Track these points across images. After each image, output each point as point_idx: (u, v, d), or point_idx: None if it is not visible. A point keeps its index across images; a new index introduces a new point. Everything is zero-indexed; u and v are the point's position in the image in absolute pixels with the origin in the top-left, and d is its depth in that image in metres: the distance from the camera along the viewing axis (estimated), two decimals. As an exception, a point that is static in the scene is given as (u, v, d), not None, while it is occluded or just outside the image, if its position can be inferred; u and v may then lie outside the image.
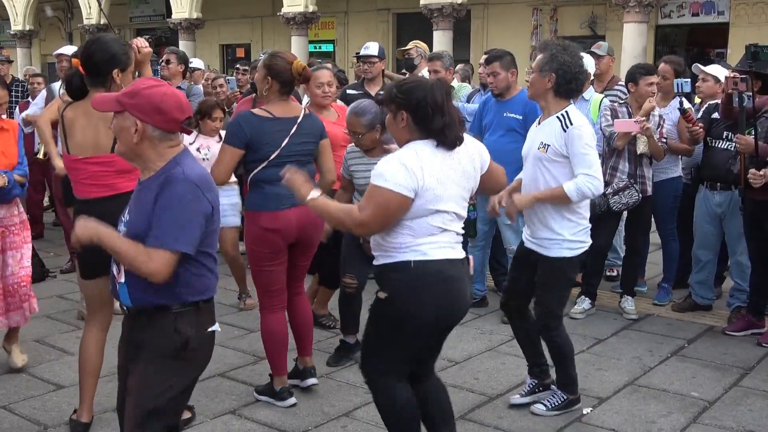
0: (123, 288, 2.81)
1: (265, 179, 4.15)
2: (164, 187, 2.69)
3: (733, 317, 5.82)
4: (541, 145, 4.11)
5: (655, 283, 6.67)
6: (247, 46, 24.38)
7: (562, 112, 4.08)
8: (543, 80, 4.06)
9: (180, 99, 2.82)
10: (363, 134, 4.63)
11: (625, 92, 6.40)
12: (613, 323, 5.88)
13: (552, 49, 4.06)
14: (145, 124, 2.72)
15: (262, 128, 4.14)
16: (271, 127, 4.15)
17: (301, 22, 20.20)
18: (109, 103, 2.78)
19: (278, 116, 4.19)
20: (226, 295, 6.51)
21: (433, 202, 3.16)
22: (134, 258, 2.66)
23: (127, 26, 26.98)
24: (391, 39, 20.91)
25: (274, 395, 4.39)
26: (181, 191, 2.67)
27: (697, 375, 4.91)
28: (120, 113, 2.75)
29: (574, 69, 4.01)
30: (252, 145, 4.12)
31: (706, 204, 5.86)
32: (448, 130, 3.17)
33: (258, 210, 4.21)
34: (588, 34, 17.90)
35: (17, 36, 26.70)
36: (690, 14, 17.24)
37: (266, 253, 4.25)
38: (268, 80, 4.19)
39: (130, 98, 2.74)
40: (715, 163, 5.75)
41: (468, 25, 19.72)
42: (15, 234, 4.80)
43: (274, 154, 4.13)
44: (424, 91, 3.18)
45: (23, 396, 4.47)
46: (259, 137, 4.12)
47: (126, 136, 2.75)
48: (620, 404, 4.47)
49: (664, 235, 6.42)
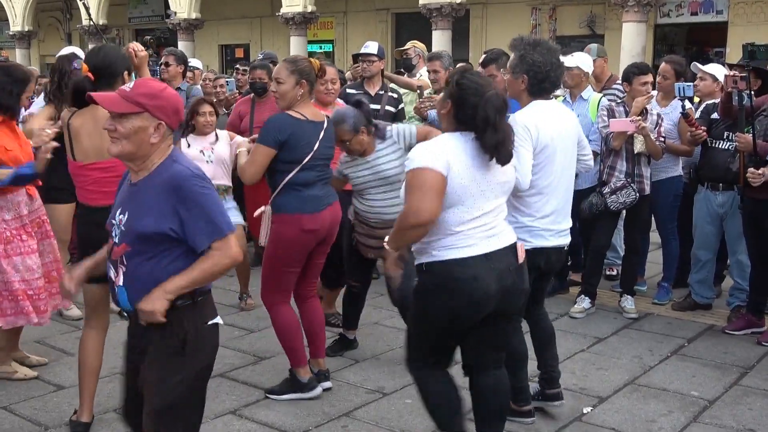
0: (122, 292, 2.81)
1: (301, 182, 4.24)
2: (178, 187, 2.71)
3: (732, 316, 5.83)
4: None
5: (654, 282, 6.67)
6: (246, 46, 24.40)
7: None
8: (516, 82, 4.00)
9: (180, 98, 2.89)
10: (350, 140, 4.63)
11: (623, 91, 6.40)
12: (613, 322, 5.88)
13: (521, 49, 3.94)
14: (165, 124, 2.77)
15: (297, 129, 4.21)
16: (306, 130, 4.25)
17: (300, 23, 20.23)
18: (127, 104, 2.76)
19: (310, 119, 4.28)
20: (226, 296, 6.51)
21: (463, 199, 3.20)
22: (210, 270, 2.72)
23: (126, 27, 27.01)
24: (389, 39, 20.93)
25: (302, 387, 4.40)
26: (204, 185, 2.75)
27: (697, 374, 4.91)
28: (138, 114, 2.75)
29: (545, 67, 3.89)
30: (287, 146, 4.18)
31: (707, 204, 5.85)
32: (502, 146, 3.19)
33: (298, 213, 4.26)
34: (587, 33, 17.94)
35: (16, 37, 26.72)
36: (689, 13, 17.27)
37: (296, 256, 4.34)
38: (302, 84, 4.25)
39: (151, 99, 2.75)
40: (715, 164, 5.74)
41: (467, 25, 19.75)
42: (47, 223, 4.80)
43: (308, 156, 4.22)
44: (477, 98, 3.18)
45: (24, 397, 4.47)
46: (296, 138, 4.20)
47: (142, 136, 2.75)
48: (620, 403, 4.47)
49: (664, 234, 6.43)
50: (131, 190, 2.83)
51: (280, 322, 4.41)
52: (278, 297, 4.40)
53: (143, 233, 2.72)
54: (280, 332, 4.44)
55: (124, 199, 2.84)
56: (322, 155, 4.30)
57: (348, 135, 4.60)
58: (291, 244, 4.29)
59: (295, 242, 4.30)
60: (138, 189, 2.80)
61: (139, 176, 2.81)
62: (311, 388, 4.41)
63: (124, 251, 2.77)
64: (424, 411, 3.63)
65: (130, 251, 2.75)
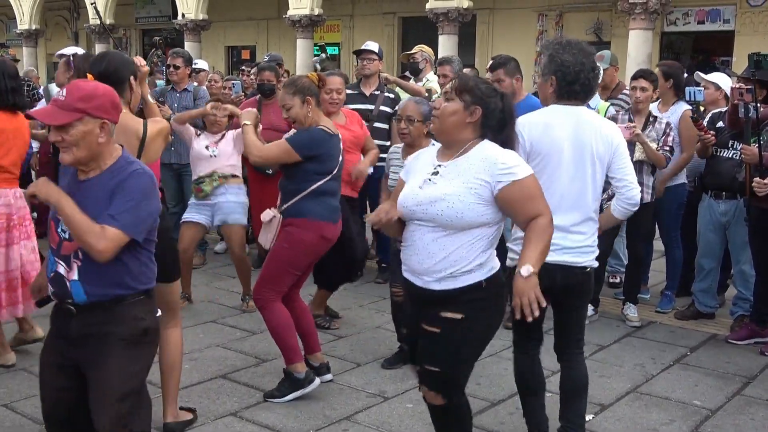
0: (76, 285, 2.85)
1: (329, 191, 4.44)
2: (128, 178, 2.81)
3: (736, 326, 5.81)
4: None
5: (658, 291, 6.66)
6: (253, 48, 24.41)
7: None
8: (545, 84, 3.72)
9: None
10: (416, 121, 4.73)
11: (628, 101, 6.41)
12: (616, 330, 5.87)
13: (550, 49, 3.69)
14: (108, 122, 2.83)
15: (329, 143, 4.42)
16: (335, 142, 4.47)
17: (307, 25, 20.22)
18: (66, 113, 2.77)
19: (333, 132, 4.47)
20: (228, 297, 6.53)
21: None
22: (88, 231, 2.72)
23: (132, 27, 27.05)
24: (396, 43, 20.93)
25: (302, 384, 4.41)
26: (146, 184, 2.85)
27: (700, 383, 4.90)
28: (80, 119, 2.78)
29: (575, 68, 3.60)
30: (319, 158, 4.36)
31: (711, 213, 5.85)
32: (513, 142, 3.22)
33: (323, 220, 4.43)
34: (593, 40, 17.90)
35: (23, 35, 26.77)
36: (696, 22, 17.25)
37: (307, 260, 4.51)
38: (307, 100, 4.36)
39: (89, 102, 2.79)
40: (719, 172, 5.74)
41: (473, 30, 19.73)
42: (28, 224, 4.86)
43: (337, 168, 4.47)
44: (503, 99, 3.18)
45: (25, 395, 4.47)
46: (327, 151, 4.41)
47: (91, 139, 2.80)
48: (622, 411, 4.46)
49: (667, 242, 6.42)
50: (81, 186, 2.87)
51: (275, 320, 4.42)
52: (272, 295, 4.43)
53: None
54: (274, 330, 4.45)
55: (72, 195, 2.83)
56: (341, 166, 4.54)
57: (418, 116, 4.73)
58: (308, 250, 4.44)
59: (312, 248, 4.46)
60: (90, 185, 2.86)
61: (89, 174, 2.88)
62: (310, 381, 4.42)
63: (79, 246, 2.81)
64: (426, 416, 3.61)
65: None
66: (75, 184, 2.90)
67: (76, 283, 2.85)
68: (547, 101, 3.79)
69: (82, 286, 2.84)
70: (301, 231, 4.38)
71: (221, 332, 5.67)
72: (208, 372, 4.87)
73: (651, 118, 5.86)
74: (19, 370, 4.83)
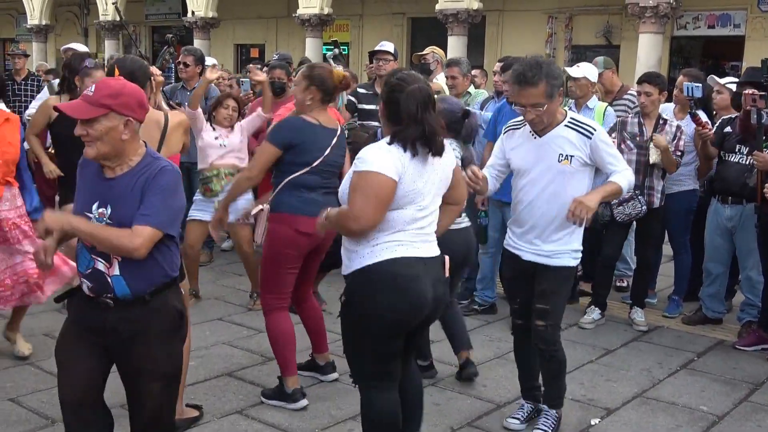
0: (118, 280, 2.90)
1: (305, 184, 4.24)
2: (157, 176, 2.87)
3: (743, 332, 5.79)
4: (562, 157, 3.89)
5: (665, 295, 6.64)
6: (262, 46, 24.43)
7: (570, 119, 3.95)
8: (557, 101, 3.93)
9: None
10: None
11: (634, 101, 6.39)
12: (623, 334, 5.85)
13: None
14: (132, 120, 2.87)
15: (310, 133, 4.23)
16: (319, 134, 4.26)
17: (316, 24, 20.23)
18: (92, 108, 2.84)
19: (324, 125, 4.29)
20: (236, 295, 6.53)
21: (404, 197, 3.18)
22: (117, 236, 2.81)
23: (142, 23, 27.09)
24: (405, 43, 20.90)
25: (286, 398, 4.37)
26: (173, 181, 2.92)
27: (707, 389, 4.88)
28: (105, 115, 2.84)
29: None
30: (295, 148, 4.19)
31: (717, 217, 5.83)
32: (428, 139, 3.18)
33: (296, 213, 4.23)
34: (603, 43, 17.89)
35: (33, 30, 26.84)
36: (706, 26, 17.20)
37: (293, 256, 4.31)
38: (310, 90, 4.26)
39: (115, 98, 2.86)
40: (726, 177, 5.72)
41: (483, 32, 19.70)
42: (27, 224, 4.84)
43: (318, 160, 4.23)
44: (399, 94, 3.20)
45: (31, 389, 4.48)
46: (306, 142, 4.21)
47: (114, 135, 2.85)
48: (629, 416, 4.44)
49: (676, 247, 6.40)
50: (108, 183, 2.92)
51: (274, 330, 4.39)
52: (277, 301, 4.37)
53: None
54: (272, 340, 4.42)
55: (101, 193, 2.91)
56: (331, 162, 4.32)
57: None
58: (286, 244, 4.28)
59: (290, 242, 4.28)
60: (118, 183, 2.90)
61: (116, 172, 2.92)
62: (294, 400, 4.37)
63: None
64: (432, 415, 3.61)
65: None
66: (101, 181, 2.93)
67: (118, 278, 2.89)
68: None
69: (125, 280, 2.89)
70: (276, 225, 4.29)
71: (228, 330, 5.67)
72: (214, 369, 4.87)
73: (661, 121, 5.84)
74: (26, 364, 4.85)
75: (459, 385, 4.77)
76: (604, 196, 3.97)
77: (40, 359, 4.91)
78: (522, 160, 4.03)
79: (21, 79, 9.54)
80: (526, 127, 4.02)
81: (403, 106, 3.17)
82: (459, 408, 4.47)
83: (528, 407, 4.32)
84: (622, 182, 3.93)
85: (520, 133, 4.07)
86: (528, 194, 3.99)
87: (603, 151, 3.92)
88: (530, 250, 4.04)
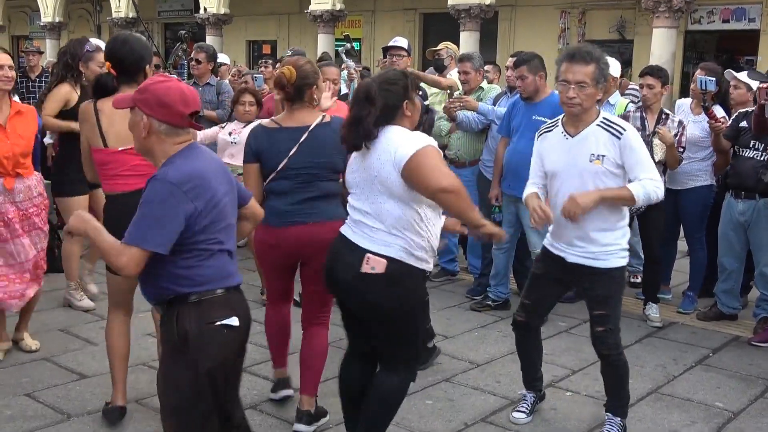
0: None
1: (274, 191, 3.99)
2: (146, 188, 2.75)
3: (759, 328, 5.75)
4: (593, 157, 3.80)
5: (680, 291, 6.61)
6: (274, 42, 24.46)
7: (602, 119, 3.86)
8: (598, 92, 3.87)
9: (185, 93, 2.83)
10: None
11: (638, 95, 6.35)
12: (637, 330, 5.83)
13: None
14: (150, 118, 2.81)
15: (266, 139, 3.97)
16: (278, 138, 3.96)
17: (328, 20, 20.24)
18: (126, 100, 2.89)
19: (286, 126, 3.99)
20: (248, 291, 6.44)
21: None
22: (107, 252, 2.73)
23: (155, 20, 27.17)
24: (417, 39, 20.88)
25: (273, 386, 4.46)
26: (157, 190, 2.71)
27: (722, 385, 4.86)
28: (132, 109, 2.86)
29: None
30: (261, 157, 3.98)
31: (730, 211, 5.80)
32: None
33: (263, 224, 3.72)
34: (616, 38, 17.80)
35: (47, 27, 26.98)
36: (720, 20, 17.09)
37: (267, 264, 4.27)
38: (277, 91, 4.15)
39: (140, 94, 2.85)
40: (741, 172, 5.68)
41: (495, 27, 19.66)
42: (35, 216, 4.86)
43: (280, 165, 3.92)
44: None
45: (47, 384, 4.50)
46: (265, 149, 3.96)
47: (137, 131, 2.85)
48: (643, 412, 4.43)
49: (691, 243, 6.36)
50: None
51: (265, 318, 4.45)
52: (270, 295, 4.43)
53: None
54: (265, 326, 4.49)
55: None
56: (302, 164, 3.93)
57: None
58: (258, 253, 4.29)
59: (259, 252, 4.23)
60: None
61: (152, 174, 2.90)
62: (274, 390, 4.45)
63: None
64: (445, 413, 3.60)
65: None
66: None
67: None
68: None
69: (141, 287, 2.91)
70: (255, 232, 4.07)
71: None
72: (228, 365, 4.87)
73: (663, 115, 5.79)
74: (41, 360, 4.87)
75: (472, 380, 4.77)
76: (607, 197, 3.77)
77: (55, 354, 4.94)
78: (555, 162, 3.95)
79: (35, 76, 9.59)
80: (558, 128, 3.97)
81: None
82: (473, 404, 4.47)
83: (530, 397, 4.36)
84: (636, 190, 3.74)
85: (552, 135, 4.01)
86: (563, 196, 3.86)
87: (629, 153, 3.77)
88: (575, 253, 3.94)
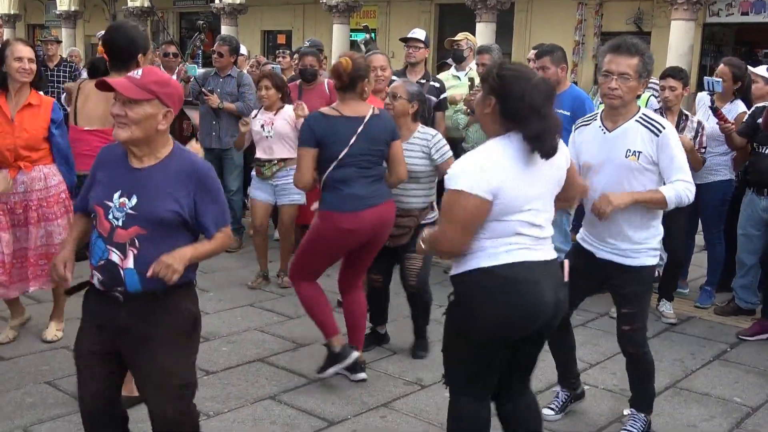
0: (130, 273, 2.83)
1: (340, 179, 4.19)
2: (202, 177, 2.91)
3: (758, 323, 5.73)
4: (630, 153, 3.74)
5: (697, 285, 6.59)
6: (289, 33, 24.48)
7: (641, 115, 3.80)
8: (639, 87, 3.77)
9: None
10: (400, 98, 4.71)
11: (658, 89, 6.30)
12: (655, 324, 5.81)
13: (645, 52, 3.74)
14: (169, 111, 2.88)
15: (329, 126, 4.18)
16: (340, 126, 4.18)
17: (344, 11, 20.24)
18: (140, 90, 2.81)
19: (346, 115, 4.22)
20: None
21: (512, 206, 2.89)
22: (215, 250, 2.98)
23: (170, 9, 27.22)
24: (432, 30, 20.81)
25: (336, 358, 4.42)
26: (215, 178, 2.99)
27: (740, 380, 4.84)
28: (149, 101, 2.82)
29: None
30: (322, 143, 4.17)
31: (752, 208, 5.76)
32: (547, 136, 2.85)
33: (334, 210, 4.21)
34: (634, 30, 17.69)
35: (62, 16, 27.09)
36: (739, 13, 16.96)
37: (331, 252, 4.37)
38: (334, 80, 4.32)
39: (162, 87, 2.85)
40: (760, 168, 5.64)
41: (511, 19, 19.59)
42: (50, 206, 4.76)
43: (342, 152, 4.15)
44: (522, 85, 2.86)
45: (67, 372, 4.52)
46: (328, 136, 4.16)
47: (151, 123, 2.83)
48: (661, 407, 4.41)
49: (709, 237, 6.32)
50: (136, 174, 2.87)
51: (303, 294, 4.46)
52: (299, 275, 4.47)
53: (165, 218, 2.83)
54: (304, 303, 4.49)
55: (125, 182, 2.86)
56: (361, 152, 4.20)
57: (404, 94, 4.73)
58: (323, 240, 4.29)
59: (332, 241, 4.28)
60: (147, 174, 2.87)
61: (143, 162, 2.89)
62: (344, 356, 4.41)
63: (136, 234, 2.82)
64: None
65: (145, 234, 2.82)
66: (127, 171, 2.88)
67: (131, 272, 2.82)
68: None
69: (138, 274, 2.83)
70: (318, 221, 4.29)
71: (259, 316, 5.71)
72: (246, 355, 4.91)
73: (683, 116, 5.72)
74: (61, 348, 4.90)
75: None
76: (639, 200, 3.71)
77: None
78: (590, 156, 3.87)
79: (54, 65, 9.63)
80: (596, 122, 3.91)
81: (528, 99, 2.84)
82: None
83: (563, 395, 4.29)
84: (668, 193, 3.69)
85: (590, 129, 3.94)
86: (597, 191, 3.77)
87: (666, 153, 3.70)
88: (606, 249, 3.89)
